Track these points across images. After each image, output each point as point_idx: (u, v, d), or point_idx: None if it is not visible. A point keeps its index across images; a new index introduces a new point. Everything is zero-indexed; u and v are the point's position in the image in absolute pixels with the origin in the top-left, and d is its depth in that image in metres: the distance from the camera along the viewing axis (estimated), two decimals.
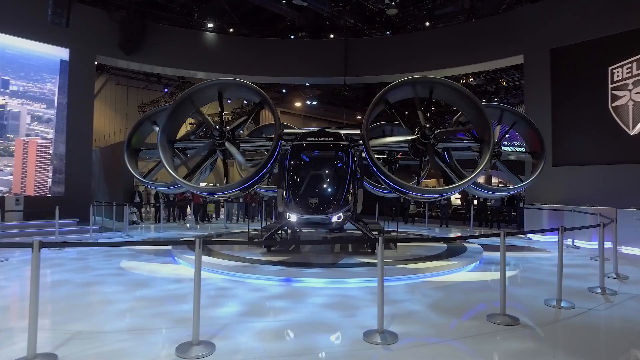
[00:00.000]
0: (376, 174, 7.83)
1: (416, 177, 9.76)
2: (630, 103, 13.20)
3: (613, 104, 13.64)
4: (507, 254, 9.80)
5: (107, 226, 14.39)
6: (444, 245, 9.96)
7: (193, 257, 4.20)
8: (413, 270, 7.22)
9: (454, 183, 8.05)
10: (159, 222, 16.33)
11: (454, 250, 9.01)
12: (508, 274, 7.57)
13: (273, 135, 7.98)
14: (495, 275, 7.59)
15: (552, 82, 14.86)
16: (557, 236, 12.72)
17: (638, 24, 12.95)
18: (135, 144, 10.60)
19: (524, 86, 16.78)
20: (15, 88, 14.44)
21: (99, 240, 11.43)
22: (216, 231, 14.35)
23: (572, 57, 14.51)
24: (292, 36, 20.18)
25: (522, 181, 9.76)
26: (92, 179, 21.11)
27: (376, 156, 8.85)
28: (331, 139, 8.52)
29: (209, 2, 18.73)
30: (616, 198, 12.49)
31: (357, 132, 8.96)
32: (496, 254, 9.69)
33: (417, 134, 7.98)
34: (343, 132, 8.99)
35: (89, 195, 15.29)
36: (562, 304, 5.35)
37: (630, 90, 13.24)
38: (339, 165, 8.08)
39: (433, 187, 9.87)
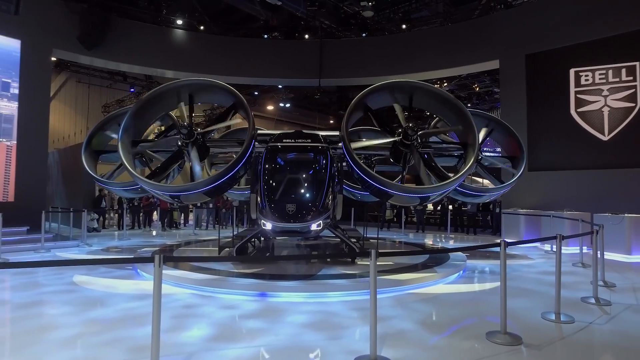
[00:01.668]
0: (357, 173, 7.31)
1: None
2: (606, 109, 13.34)
3: (578, 109, 13.77)
4: (487, 262, 9.64)
5: (63, 234, 13.25)
6: (426, 253, 9.59)
7: (167, 271, 3.53)
8: (397, 282, 6.75)
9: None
10: (122, 228, 15.24)
11: (437, 259, 8.63)
12: (493, 284, 7.23)
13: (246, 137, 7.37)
14: (482, 285, 7.25)
15: (527, 87, 14.90)
16: (535, 242, 12.58)
17: (612, 31, 13.13)
18: (96, 146, 9.75)
19: (500, 91, 16.80)
20: (15, 91, 13.65)
21: (51, 250, 10.39)
22: (184, 239, 13.48)
23: (547, 63, 14.59)
24: (266, 36, 19.55)
25: (504, 183, 9.55)
26: (49, 183, 19.73)
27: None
28: (309, 140, 7.97)
29: (179, 1, 17.87)
30: (590, 203, 12.55)
31: (336, 133, 8.49)
32: (479, 262, 9.47)
33: (399, 136, 7.57)
34: (321, 133, 8.47)
35: (43, 200, 14.06)
36: (561, 318, 4.98)
37: (605, 97, 13.38)
38: (318, 168, 7.54)
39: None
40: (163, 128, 10.23)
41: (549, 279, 7.62)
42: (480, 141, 8.45)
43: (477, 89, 24.28)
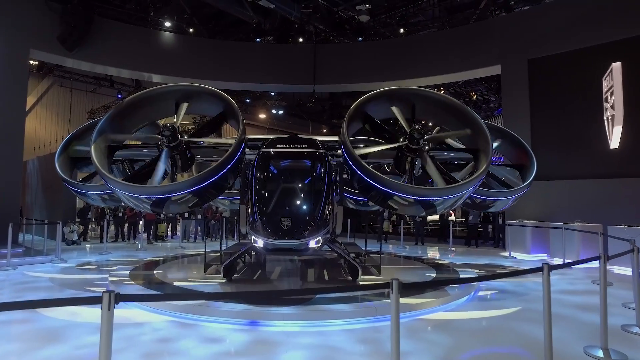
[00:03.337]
0: (359, 175, 6.45)
1: None
2: (610, 116, 12.77)
3: (581, 117, 13.19)
4: (497, 279, 8.84)
5: (38, 248, 12.25)
6: (432, 270, 8.82)
7: (139, 291, 2.69)
8: (405, 306, 5.87)
9: None
10: (106, 241, 14.08)
11: (446, 277, 7.87)
12: (513, 308, 6.42)
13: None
14: (501, 310, 6.37)
15: (530, 93, 14.32)
16: (543, 255, 11.88)
17: (609, 37, 12.62)
18: (74, 152, 8.86)
19: (502, 97, 16.19)
20: None
21: (18, 268, 9.35)
22: (169, 253, 12.55)
23: (550, 68, 14.04)
24: (258, 40, 18.85)
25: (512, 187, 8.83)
26: (28, 193, 18.70)
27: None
28: (305, 146, 7.17)
29: (169, 4, 17.14)
30: (599, 214, 11.88)
31: (334, 138, 7.73)
32: (489, 281, 8.64)
33: (404, 141, 6.83)
34: (319, 138, 7.69)
35: (15, 211, 13.06)
36: (612, 355, 4.18)
37: (609, 103, 12.82)
38: (316, 177, 6.73)
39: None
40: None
41: (573, 300, 6.89)
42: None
43: (475, 96, 23.79)
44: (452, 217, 16.35)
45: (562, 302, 6.80)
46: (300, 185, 6.54)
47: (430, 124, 11.40)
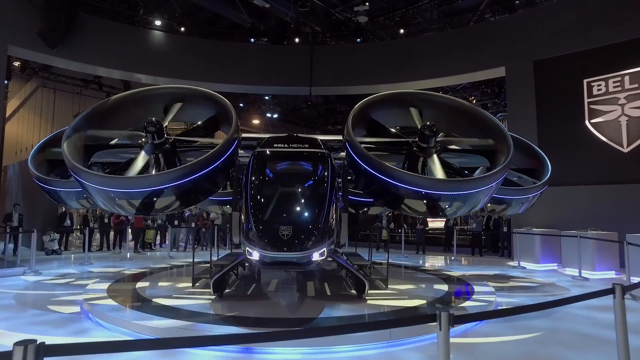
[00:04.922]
0: (366, 170, 5.77)
1: None
2: (624, 118, 12.19)
3: (592, 120, 12.62)
4: (510, 293, 8.11)
5: (11, 259, 11.32)
6: (442, 283, 8.10)
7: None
8: (419, 329, 5.03)
9: None
10: (88, 250, 13.07)
11: (458, 294, 7.15)
12: (539, 332, 5.60)
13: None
14: (528, 332, 5.55)
15: (536, 95, 13.75)
16: (553, 264, 11.19)
17: (626, 36, 12.14)
18: (51, 154, 8.06)
19: (506, 100, 15.62)
20: None
21: None
22: (156, 263, 11.67)
23: (557, 70, 13.50)
24: (252, 39, 18.19)
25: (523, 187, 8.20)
26: (7, 199, 17.74)
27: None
28: (306, 145, 6.44)
29: (161, 6, 16.46)
30: (611, 221, 11.24)
31: (337, 138, 7.04)
32: (507, 295, 7.90)
33: (414, 138, 6.21)
34: (320, 137, 6.96)
35: None
36: None
37: (622, 105, 12.25)
38: (318, 180, 6.00)
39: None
40: None
41: (607, 319, 6.14)
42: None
43: (474, 101, 23.30)
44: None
45: (595, 321, 6.06)
46: (301, 189, 5.81)
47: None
